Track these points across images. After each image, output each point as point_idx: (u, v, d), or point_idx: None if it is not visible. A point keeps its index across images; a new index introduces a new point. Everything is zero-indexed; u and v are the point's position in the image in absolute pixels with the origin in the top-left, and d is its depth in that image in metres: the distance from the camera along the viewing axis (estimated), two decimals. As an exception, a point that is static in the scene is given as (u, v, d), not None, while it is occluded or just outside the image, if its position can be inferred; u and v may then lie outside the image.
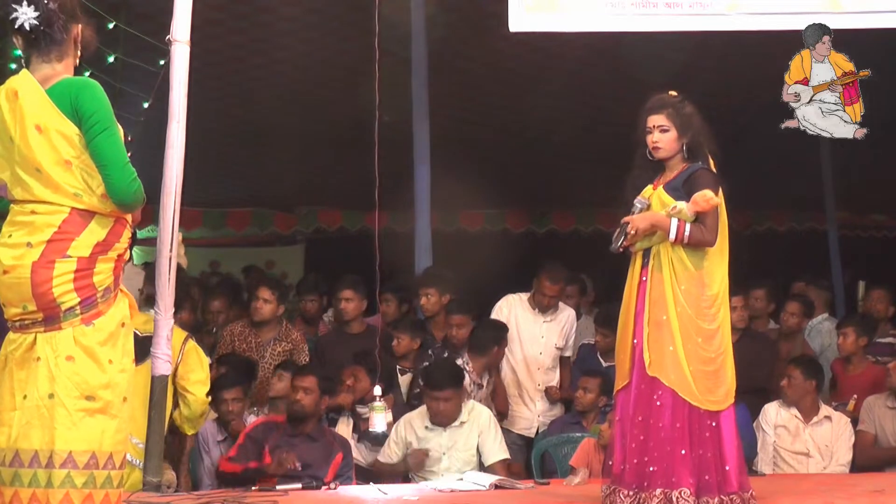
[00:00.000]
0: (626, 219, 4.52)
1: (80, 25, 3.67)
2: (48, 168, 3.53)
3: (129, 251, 3.75)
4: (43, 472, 3.47)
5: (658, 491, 4.33)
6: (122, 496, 3.69)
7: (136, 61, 6.39)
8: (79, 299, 3.52)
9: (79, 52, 3.69)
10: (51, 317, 3.52)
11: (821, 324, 7.82)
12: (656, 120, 4.56)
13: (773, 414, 6.24)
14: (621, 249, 4.55)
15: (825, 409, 6.26)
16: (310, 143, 9.12)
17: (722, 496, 4.38)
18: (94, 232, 3.57)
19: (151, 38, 5.54)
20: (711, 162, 4.60)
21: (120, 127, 3.69)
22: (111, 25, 6.14)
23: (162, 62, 6.04)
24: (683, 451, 4.37)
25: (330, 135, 8.94)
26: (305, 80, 7.92)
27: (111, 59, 6.40)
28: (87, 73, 5.98)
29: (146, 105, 6.91)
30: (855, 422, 6.36)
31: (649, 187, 4.60)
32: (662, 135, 4.56)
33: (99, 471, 3.52)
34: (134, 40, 6.11)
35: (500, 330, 6.57)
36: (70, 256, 3.52)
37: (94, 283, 3.55)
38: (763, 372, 6.64)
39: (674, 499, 4.31)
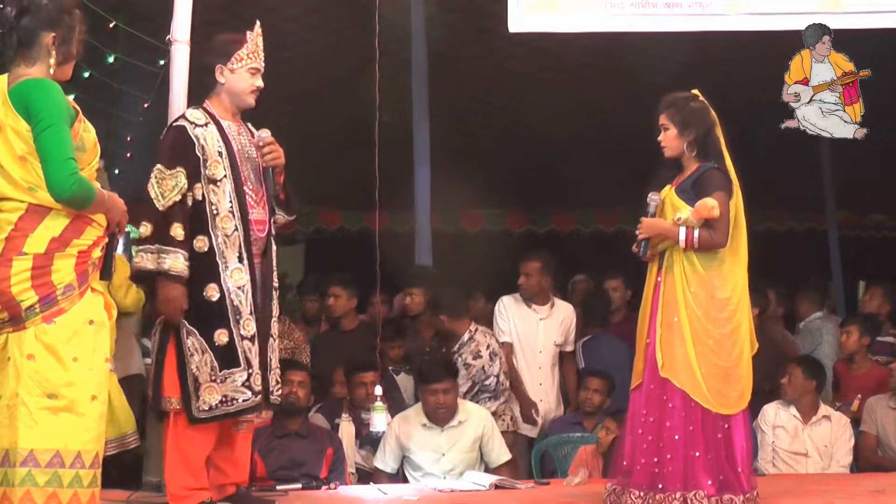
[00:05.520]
0: (640, 225, 4.55)
1: (53, 34, 3.63)
2: (6, 165, 3.54)
3: (97, 249, 3.71)
4: (11, 471, 3.46)
5: (678, 494, 4.33)
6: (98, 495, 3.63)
7: (136, 61, 6.39)
8: (37, 297, 3.51)
9: (55, 62, 3.63)
10: (14, 316, 3.52)
11: (812, 322, 7.83)
12: (660, 119, 4.65)
13: (772, 414, 6.24)
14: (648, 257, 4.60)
15: (824, 409, 6.25)
16: (310, 143, 9.10)
17: (734, 497, 4.38)
18: (49, 228, 3.55)
19: (151, 38, 5.54)
20: (727, 159, 4.61)
21: (90, 125, 3.68)
22: (111, 25, 6.13)
23: (162, 62, 6.04)
24: (697, 454, 4.37)
25: (330, 135, 8.92)
26: (305, 80, 7.90)
27: (111, 59, 6.40)
28: (87, 74, 6.01)
29: (146, 105, 6.92)
30: (857, 422, 6.35)
31: (667, 186, 4.63)
32: (664, 133, 4.63)
33: (65, 470, 3.48)
34: (134, 40, 6.10)
35: (463, 288, 6.78)
36: (26, 254, 3.51)
37: (52, 281, 3.53)
38: (763, 373, 6.63)
39: (689, 500, 4.32)
